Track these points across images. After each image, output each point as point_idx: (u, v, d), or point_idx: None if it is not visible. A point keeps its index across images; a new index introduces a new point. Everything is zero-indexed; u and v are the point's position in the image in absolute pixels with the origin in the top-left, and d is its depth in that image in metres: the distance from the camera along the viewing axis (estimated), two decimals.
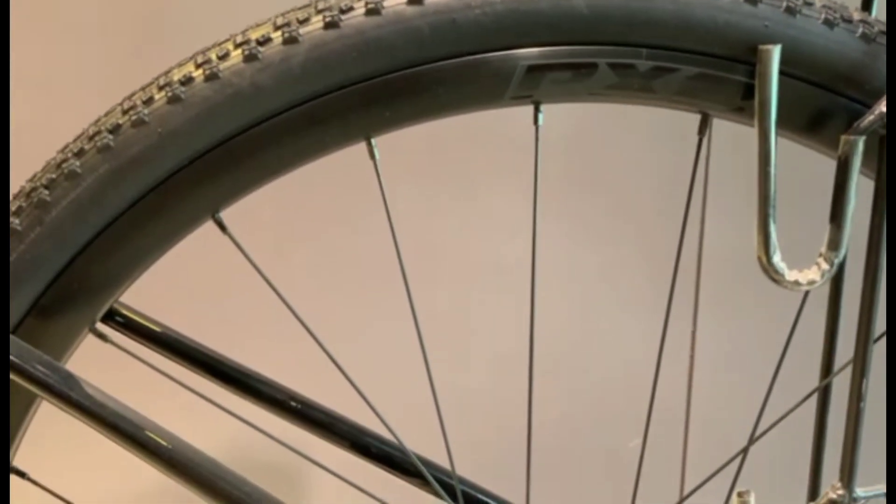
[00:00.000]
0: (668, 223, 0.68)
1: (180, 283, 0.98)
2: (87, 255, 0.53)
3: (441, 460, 0.69)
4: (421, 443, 0.68)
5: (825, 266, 0.53)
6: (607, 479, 0.80)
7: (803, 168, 0.65)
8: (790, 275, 0.53)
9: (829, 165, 0.53)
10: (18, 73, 0.75)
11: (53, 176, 0.51)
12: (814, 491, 0.61)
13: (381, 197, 0.56)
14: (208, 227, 0.54)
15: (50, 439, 0.73)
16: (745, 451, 0.63)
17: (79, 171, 0.51)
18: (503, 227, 1.09)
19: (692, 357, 1.17)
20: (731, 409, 0.83)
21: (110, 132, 0.51)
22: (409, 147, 1.04)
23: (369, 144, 0.53)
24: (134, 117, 0.51)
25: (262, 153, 0.52)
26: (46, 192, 0.51)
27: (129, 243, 0.53)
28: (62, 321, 0.55)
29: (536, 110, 0.54)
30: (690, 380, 1.17)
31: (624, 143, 1.10)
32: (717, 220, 1.11)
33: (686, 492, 0.95)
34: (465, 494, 0.71)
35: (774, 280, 0.54)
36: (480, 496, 0.72)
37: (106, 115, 0.52)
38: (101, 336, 0.57)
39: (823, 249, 0.53)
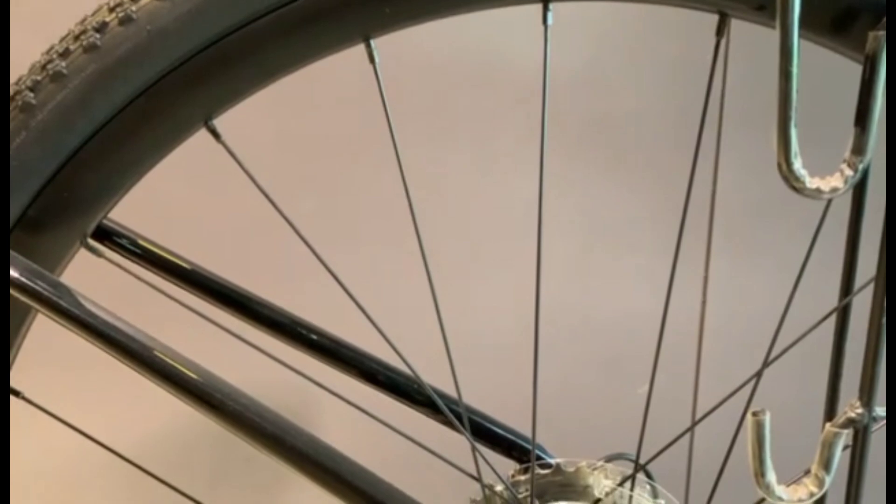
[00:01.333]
0: (680, 161, 0.66)
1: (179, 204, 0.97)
2: (75, 162, 0.51)
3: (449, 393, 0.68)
4: (428, 377, 0.67)
5: (849, 172, 0.50)
6: (615, 419, 0.78)
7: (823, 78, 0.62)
8: (811, 182, 0.51)
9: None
10: None
11: (38, 78, 0.49)
12: (831, 411, 0.59)
13: (383, 107, 0.54)
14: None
15: (45, 359, 0.72)
16: (759, 373, 0.61)
17: (65, 72, 0.48)
18: (511, 168, 1.06)
19: (703, 303, 1.15)
20: (743, 347, 0.81)
21: (97, 31, 0.48)
22: (416, 87, 1.02)
23: (368, 46, 0.51)
24: (121, 14, 0.48)
25: (255, 54, 0.49)
26: (31, 94, 0.49)
27: (120, 151, 0.51)
28: (52, 234, 0.53)
29: (545, 8, 0.51)
30: (702, 325, 1.15)
31: (634, 81, 1.07)
32: (730, 157, 1.08)
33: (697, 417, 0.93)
34: (472, 423, 0.69)
35: (795, 188, 0.51)
36: (487, 424, 0.71)
37: (93, 13, 0.50)
38: (94, 250, 0.55)
39: (847, 154, 0.50)
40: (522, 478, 0.65)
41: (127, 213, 0.58)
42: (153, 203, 0.70)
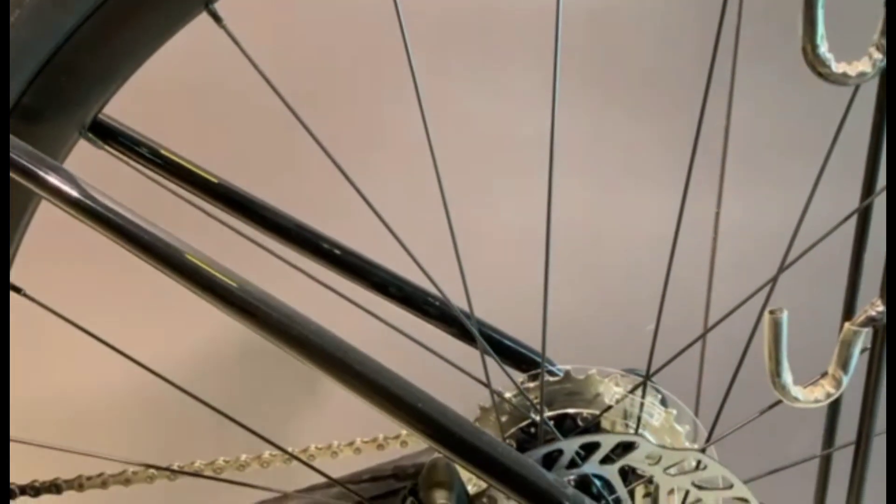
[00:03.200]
0: (693, 97, 0.64)
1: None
2: (72, 44, 0.49)
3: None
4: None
5: (877, 55, 0.48)
6: (626, 337, 0.77)
7: None
8: (837, 66, 0.49)
9: None
10: None
11: None
12: (849, 311, 0.58)
13: (403, 41, 0.52)
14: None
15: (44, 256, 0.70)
16: (775, 278, 0.59)
17: None
18: (523, 102, 1.03)
19: (715, 239, 1.13)
20: (758, 258, 0.79)
21: None
22: (428, 20, 0.99)
23: None
24: None
25: None
26: None
27: (118, 33, 0.49)
28: (51, 122, 0.51)
29: None
30: (713, 259, 1.13)
31: (649, 16, 1.04)
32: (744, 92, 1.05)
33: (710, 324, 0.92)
34: (482, 335, 0.68)
35: (820, 74, 0.49)
36: (497, 336, 0.70)
37: None
38: (92, 141, 0.54)
39: (876, 36, 0.48)
40: (531, 385, 0.64)
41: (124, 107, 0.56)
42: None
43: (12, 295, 0.54)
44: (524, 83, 1.03)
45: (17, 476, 0.67)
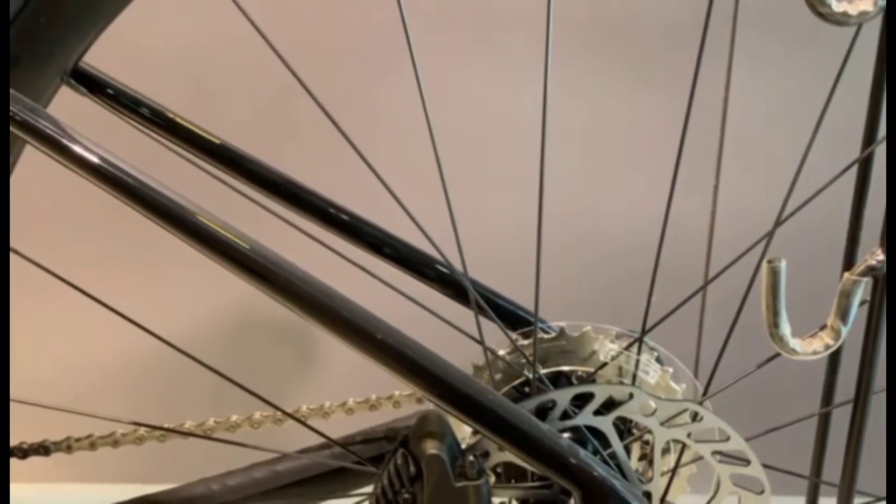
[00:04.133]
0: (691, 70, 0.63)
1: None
2: None
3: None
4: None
5: None
6: (621, 309, 0.77)
7: None
8: (838, 5, 0.48)
9: None
10: None
11: None
12: (850, 260, 0.57)
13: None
14: None
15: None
16: (771, 233, 0.58)
17: None
18: (519, 72, 1.02)
19: (713, 212, 1.12)
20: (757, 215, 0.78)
21: None
22: None
23: None
24: None
25: None
26: None
27: None
28: (32, 65, 0.50)
29: None
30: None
31: None
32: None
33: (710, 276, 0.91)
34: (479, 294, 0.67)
35: (821, 15, 0.48)
36: (491, 296, 0.69)
37: None
38: (75, 87, 0.52)
39: None
40: (525, 342, 0.63)
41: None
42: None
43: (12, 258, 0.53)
44: (524, 54, 1.02)
45: (26, 432, 0.66)
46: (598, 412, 0.54)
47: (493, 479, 0.58)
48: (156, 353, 1.04)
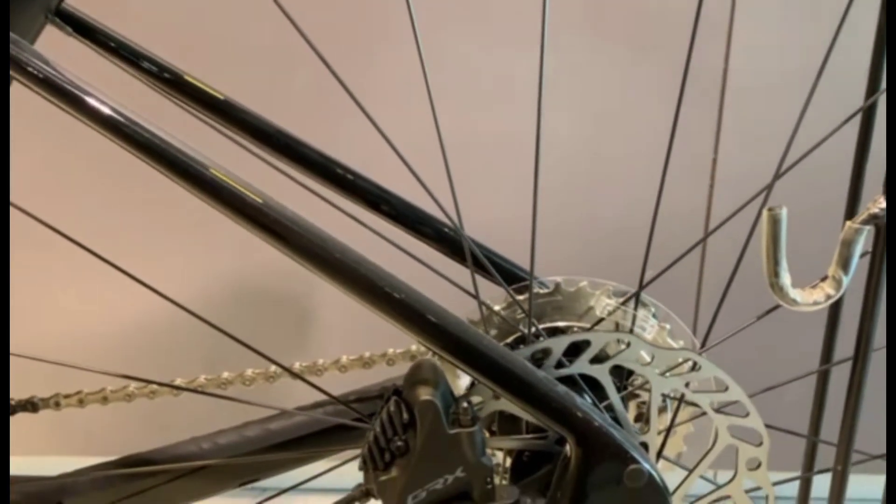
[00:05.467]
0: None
1: None
2: None
3: None
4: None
5: None
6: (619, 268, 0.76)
7: None
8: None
9: None
10: None
11: None
12: (851, 208, 0.56)
13: None
14: None
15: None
16: (771, 185, 0.57)
17: None
18: (516, 38, 1.01)
19: (711, 186, 1.11)
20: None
21: None
22: None
23: None
24: None
25: None
26: None
27: None
28: (15, 2, 0.49)
29: None
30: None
31: None
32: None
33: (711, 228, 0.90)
34: (473, 253, 0.66)
35: None
36: (486, 253, 0.68)
37: None
38: (60, 27, 0.51)
39: None
40: (520, 297, 0.62)
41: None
42: None
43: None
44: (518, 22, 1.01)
45: (16, 392, 0.65)
46: (594, 361, 0.53)
47: (487, 435, 0.57)
48: (148, 315, 1.04)
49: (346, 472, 0.63)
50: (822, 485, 0.63)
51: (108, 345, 1.03)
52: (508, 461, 0.59)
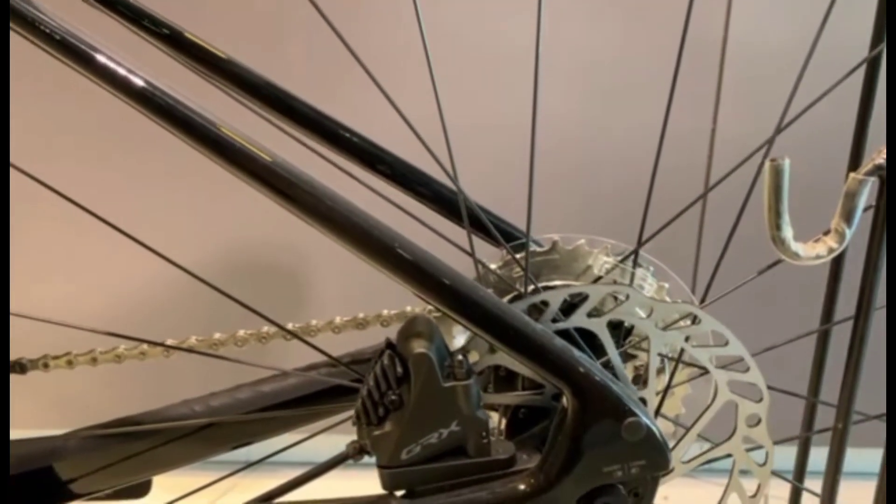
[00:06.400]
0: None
1: None
2: None
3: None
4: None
5: None
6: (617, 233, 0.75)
7: None
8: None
9: None
10: None
11: None
12: (855, 160, 0.55)
13: None
14: None
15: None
16: (773, 137, 0.56)
17: None
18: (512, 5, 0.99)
19: (710, 156, 1.10)
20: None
21: None
22: None
23: None
24: None
25: None
26: None
27: None
28: None
29: None
30: (708, 169, 1.09)
31: None
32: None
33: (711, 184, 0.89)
34: (469, 213, 0.65)
35: None
36: (483, 213, 0.67)
37: None
38: None
39: None
40: (517, 256, 0.61)
41: None
42: None
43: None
44: None
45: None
46: (592, 315, 0.52)
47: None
48: (147, 282, 1.03)
49: (318, 445, 0.62)
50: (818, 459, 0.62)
51: (104, 312, 1.02)
52: (503, 424, 0.59)
